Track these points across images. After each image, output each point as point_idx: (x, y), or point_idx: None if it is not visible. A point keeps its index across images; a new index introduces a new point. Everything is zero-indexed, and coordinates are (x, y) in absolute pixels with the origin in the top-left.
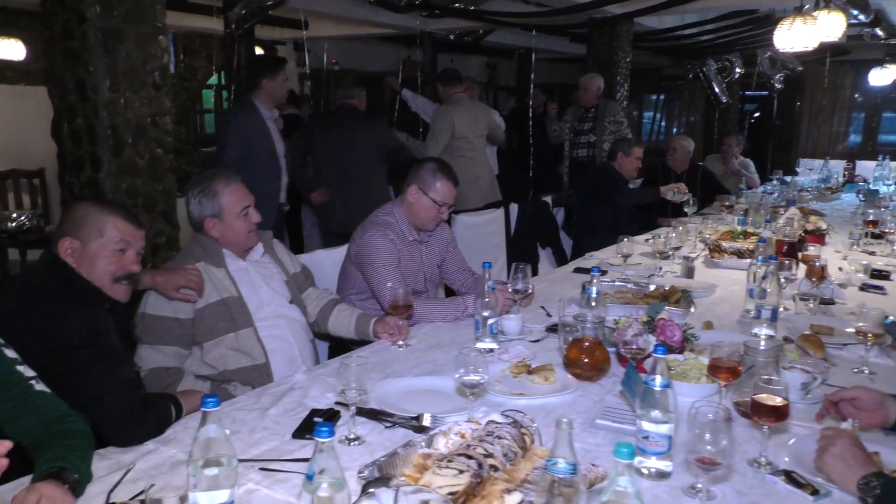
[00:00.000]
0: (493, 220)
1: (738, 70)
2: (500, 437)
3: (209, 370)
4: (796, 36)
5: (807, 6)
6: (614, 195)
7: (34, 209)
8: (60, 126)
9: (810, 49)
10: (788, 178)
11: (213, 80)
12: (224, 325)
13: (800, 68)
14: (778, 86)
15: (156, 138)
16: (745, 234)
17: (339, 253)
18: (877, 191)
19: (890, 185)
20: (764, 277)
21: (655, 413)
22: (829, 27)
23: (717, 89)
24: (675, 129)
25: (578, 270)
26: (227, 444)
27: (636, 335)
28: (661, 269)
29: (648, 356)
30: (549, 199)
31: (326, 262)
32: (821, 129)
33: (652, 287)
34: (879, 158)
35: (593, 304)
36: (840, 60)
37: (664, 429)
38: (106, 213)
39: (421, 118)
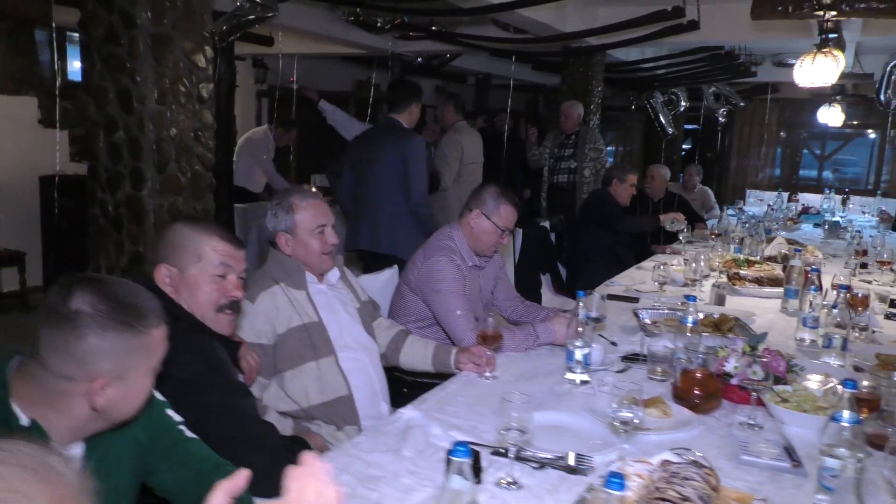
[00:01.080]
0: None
1: (683, 103)
2: (687, 479)
3: (291, 405)
4: (818, 71)
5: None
6: (616, 222)
7: None
8: (95, 138)
9: (829, 84)
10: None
11: None
12: (306, 353)
13: (742, 103)
14: (721, 119)
15: (198, 155)
16: (749, 262)
17: (384, 277)
18: (837, 222)
19: (843, 216)
20: (834, 307)
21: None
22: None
23: (663, 121)
24: (610, 159)
25: (613, 298)
26: (473, 497)
27: (746, 366)
28: (694, 297)
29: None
30: (546, 223)
31: (370, 286)
32: (748, 162)
33: (701, 315)
34: (826, 192)
35: (688, 332)
36: (772, 98)
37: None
38: (202, 234)
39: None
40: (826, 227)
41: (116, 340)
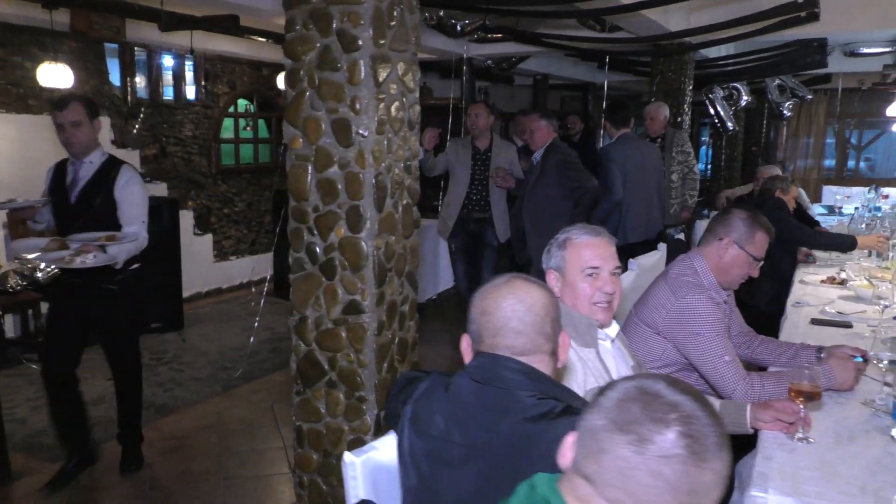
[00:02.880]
0: (659, 262)
1: (745, 98)
2: None
3: None
4: None
5: None
6: (807, 238)
7: None
8: (301, 175)
9: None
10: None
11: (241, 106)
12: None
13: (809, 96)
14: (787, 113)
15: (408, 188)
16: None
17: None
18: None
19: None
20: None
21: None
22: None
23: (724, 116)
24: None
25: (819, 323)
26: None
27: None
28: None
29: None
30: (680, 236)
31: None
32: (798, 155)
33: None
34: None
35: None
36: (823, 89)
37: None
38: None
39: None
40: None
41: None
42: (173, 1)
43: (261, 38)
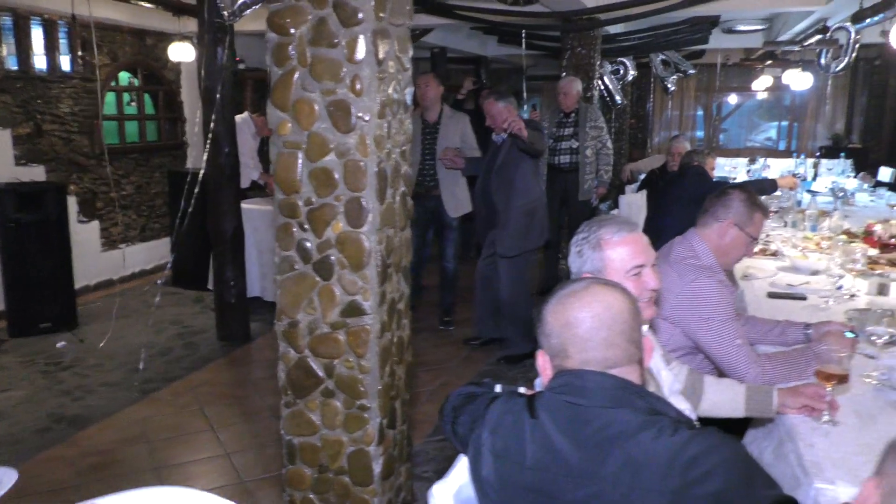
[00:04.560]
0: None
1: (632, 72)
2: None
3: None
4: None
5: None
6: None
7: None
8: (290, 164)
9: None
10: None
11: (123, 80)
12: None
13: (692, 70)
14: (671, 87)
15: (403, 175)
16: (849, 235)
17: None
18: (846, 189)
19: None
20: None
21: None
22: None
23: (612, 90)
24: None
25: (775, 296)
26: None
27: None
28: (840, 287)
29: None
30: (602, 208)
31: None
32: (670, 129)
33: None
34: (795, 156)
35: None
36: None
37: None
38: None
39: None
40: (841, 195)
41: None
42: None
43: (146, 4)
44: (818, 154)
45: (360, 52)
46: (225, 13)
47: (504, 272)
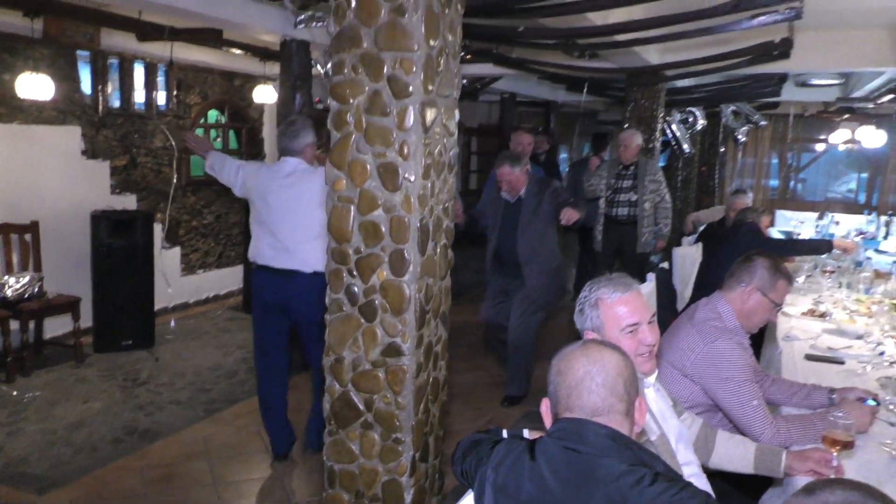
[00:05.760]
0: (650, 295)
1: (701, 122)
2: None
3: None
4: None
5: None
6: (787, 247)
7: (33, 272)
8: (344, 216)
9: None
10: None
11: (212, 117)
12: None
13: (763, 122)
14: (742, 138)
15: (446, 230)
16: None
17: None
18: None
19: None
20: None
21: None
22: None
23: (680, 139)
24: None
25: (813, 359)
26: None
27: None
28: (883, 353)
29: None
30: (666, 265)
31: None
32: (743, 177)
33: None
34: (866, 213)
35: None
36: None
37: None
38: None
39: None
40: None
41: None
42: (153, 10)
43: (237, 51)
44: (891, 212)
45: (409, 120)
46: (319, 68)
47: (518, 315)
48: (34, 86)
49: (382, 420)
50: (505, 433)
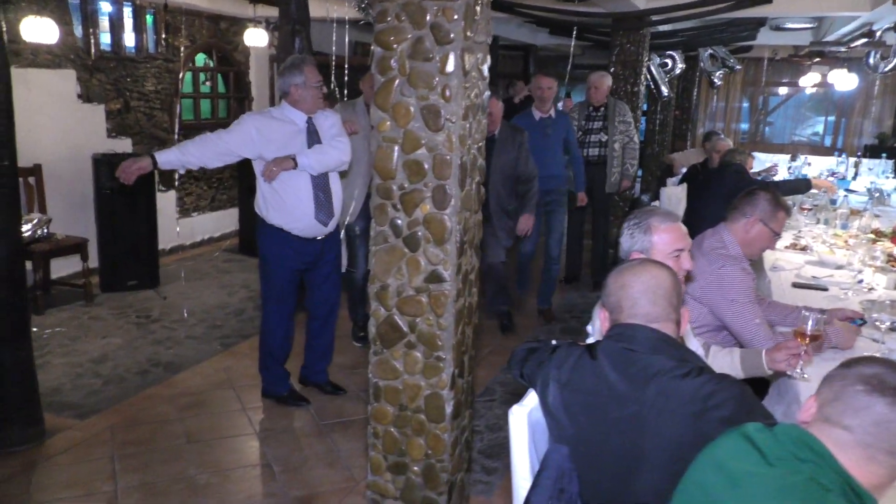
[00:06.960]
0: None
1: (679, 65)
2: None
3: None
4: None
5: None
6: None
7: (38, 214)
8: (388, 155)
9: None
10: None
11: (200, 61)
12: None
13: (738, 66)
14: (718, 82)
15: (479, 167)
16: (878, 234)
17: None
18: (882, 190)
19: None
20: None
21: None
22: None
23: (660, 83)
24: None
25: (799, 286)
26: None
27: None
28: (861, 281)
29: None
30: (656, 203)
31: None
32: (715, 121)
33: None
34: (837, 155)
35: None
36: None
37: None
38: None
39: None
40: (876, 195)
41: None
42: None
43: None
44: (860, 153)
45: (451, 65)
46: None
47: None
48: (38, 29)
49: (425, 340)
50: (555, 342)
